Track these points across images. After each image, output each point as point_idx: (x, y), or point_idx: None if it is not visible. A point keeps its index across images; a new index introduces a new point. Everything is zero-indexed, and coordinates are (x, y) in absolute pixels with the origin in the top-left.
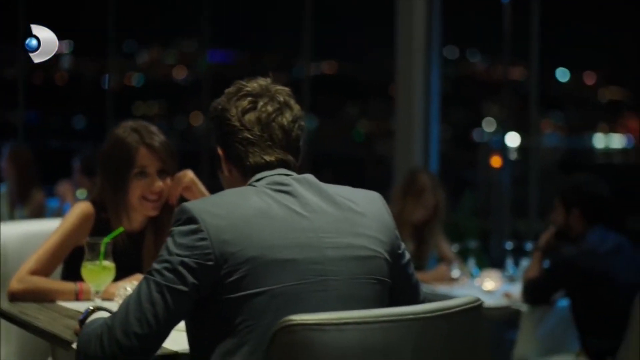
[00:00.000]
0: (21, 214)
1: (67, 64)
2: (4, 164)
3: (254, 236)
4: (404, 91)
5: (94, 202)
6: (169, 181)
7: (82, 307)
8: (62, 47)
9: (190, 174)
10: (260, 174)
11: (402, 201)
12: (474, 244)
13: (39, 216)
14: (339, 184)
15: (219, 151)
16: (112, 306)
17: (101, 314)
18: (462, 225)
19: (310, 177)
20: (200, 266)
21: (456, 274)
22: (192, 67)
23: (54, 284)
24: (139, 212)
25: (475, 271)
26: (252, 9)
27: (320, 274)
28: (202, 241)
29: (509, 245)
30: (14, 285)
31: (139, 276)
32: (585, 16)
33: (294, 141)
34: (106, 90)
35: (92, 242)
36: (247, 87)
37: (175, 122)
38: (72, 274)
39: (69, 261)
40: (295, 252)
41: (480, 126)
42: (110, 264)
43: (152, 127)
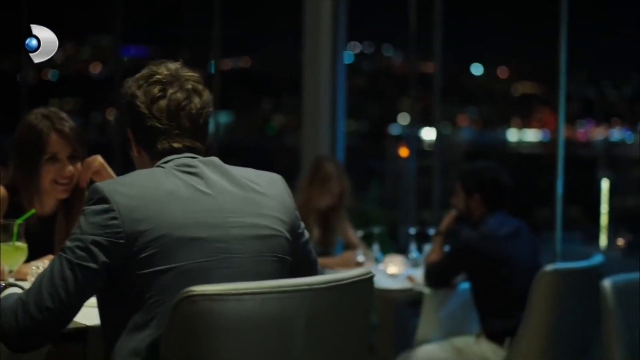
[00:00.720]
0: None
1: None
2: None
3: (162, 215)
4: (310, 84)
5: (7, 187)
6: (79, 166)
7: None
8: None
9: (99, 158)
10: (168, 157)
11: (308, 189)
12: (378, 230)
13: None
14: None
15: (129, 133)
16: (25, 285)
17: (13, 290)
18: (369, 213)
19: (215, 159)
20: (111, 244)
21: (361, 258)
22: (107, 63)
23: None
24: (50, 196)
25: (379, 256)
26: (167, 4)
27: (225, 251)
28: (113, 220)
29: (412, 230)
30: None
31: (51, 257)
32: (498, 10)
33: (202, 127)
34: (21, 85)
35: (6, 223)
36: (157, 74)
37: (91, 117)
38: None
39: None
40: (201, 230)
41: (396, 120)
42: (23, 245)
43: (63, 114)
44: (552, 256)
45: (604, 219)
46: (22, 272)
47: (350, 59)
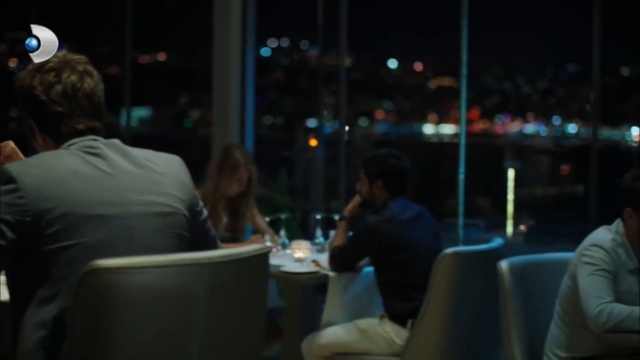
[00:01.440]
0: None
1: None
2: None
3: (67, 194)
4: (220, 77)
5: None
6: None
7: None
8: None
9: (11, 144)
10: (72, 140)
11: (217, 176)
12: (285, 216)
13: None
14: None
15: (32, 124)
16: None
17: None
18: (277, 200)
19: (116, 141)
20: (18, 222)
21: (268, 244)
22: (25, 58)
23: None
24: None
25: (286, 241)
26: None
27: (127, 228)
28: (21, 199)
29: (318, 216)
30: None
31: None
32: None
33: (98, 106)
34: None
35: None
36: (49, 62)
37: (11, 110)
38: None
39: None
40: (105, 208)
41: (313, 114)
42: None
43: None
44: (455, 242)
45: (510, 208)
46: None
47: (267, 53)
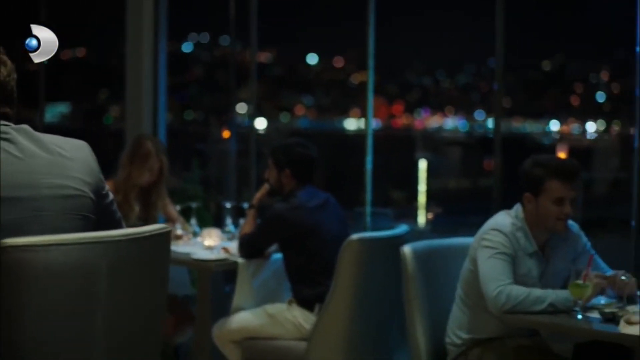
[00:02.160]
0: None
1: None
2: None
3: None
4: (133, 72)
5: None
6: None
7: None
8: None
9: None
10: None
11: (129, 166)
12: (195, 205)
13: None
14: None
15: None
16: None
17: None
18: (189, 190)
19: (26, 127)
20: None
21: (179, 232)
22: None
23: None
24: None
25: (197, 229)
26: None
27: (37, 209)
28: None
29: (228, 204)
30: None
31: None
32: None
33: (10, 93)
34: None
35: None
36: None
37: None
38: None
39: None
40: (16, 191)
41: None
42: None
43: None
44: (364, 230)
45: (422, 198)
46: None
47: (189, 49)
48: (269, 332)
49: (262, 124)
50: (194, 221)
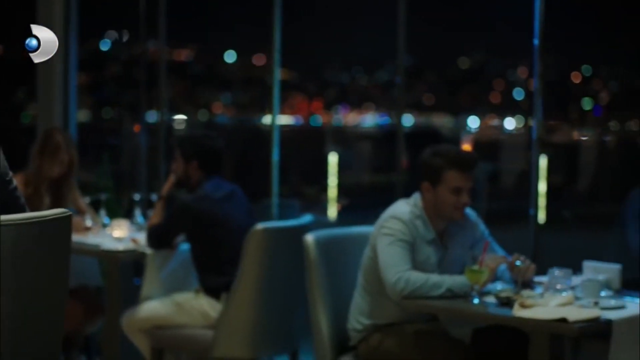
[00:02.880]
0: None
1: None
2: None
3: None
4: (43, 68)
5: None
6: None
7: None
8: None
9: None
10: None
11: (39, 159)
12: (105, 197)
13: None
14: None
15: None
16: None
17: None
18: (99, 183)
19: None
20: None
21: (89, 223)
22: None
23: None
24: None
25: (106, 220)
26: None
27: None
28: None
29: (137, 196)
30: None
31: None
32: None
33: None
34: None
35: None
36: None
37: None
38: None
39: None
40: None
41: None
42: None
43: None
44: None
45: (332, 191)
46: None
47: (107, 46)
48: (176, 320)
49: (180, 121)
50: (103, 213)
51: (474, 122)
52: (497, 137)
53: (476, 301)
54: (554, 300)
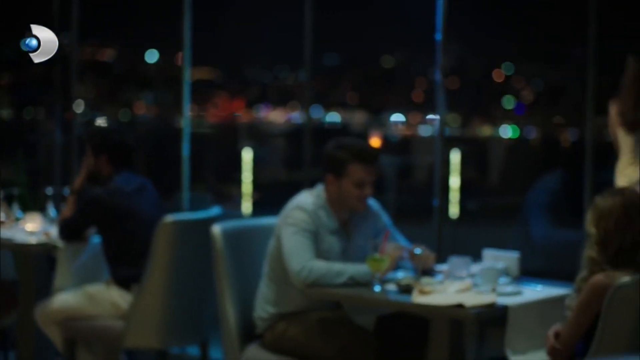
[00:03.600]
0: None
1: None
2: None
3: None
4: None
5: None
6: None
7: None
8: None
9: None
10: None
11: None
12: (17, 192)
13: None
14: None
15: None
16: None
17: None
18: (13, 178)
19: None
20: None
21: (2, 217)
22: None
23: None
24: None
25: (19, 214)
26: None
27: None
28: None
29: (50, 191)
30: None
31: None
32: None
33: None
34: None
35: None
36: None
37: None
38: None
39: None
40: None
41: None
42: None
43: None
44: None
45: (246, 186)
46: None
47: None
48: (88, 311)
49: (102, 121)
50: (16, 207)
51: (396, 119)
52: (411, 133)
53: (378, 289)
54: (452, 286)
